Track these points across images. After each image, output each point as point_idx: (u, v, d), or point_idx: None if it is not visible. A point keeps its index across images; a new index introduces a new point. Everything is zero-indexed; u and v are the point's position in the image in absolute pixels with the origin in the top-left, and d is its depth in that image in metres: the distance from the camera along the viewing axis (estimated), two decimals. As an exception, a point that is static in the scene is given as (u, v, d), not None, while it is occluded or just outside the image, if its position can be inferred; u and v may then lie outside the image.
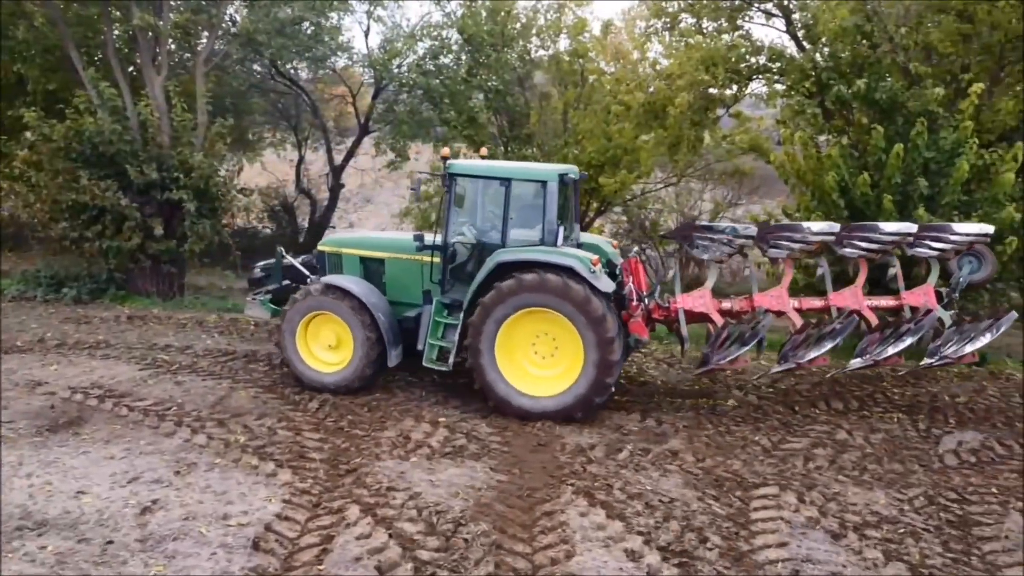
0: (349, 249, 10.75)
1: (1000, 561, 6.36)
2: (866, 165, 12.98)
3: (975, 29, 12.80)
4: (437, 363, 9.68)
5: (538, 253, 9.22)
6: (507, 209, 9.51)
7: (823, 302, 10.14)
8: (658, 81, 16.32)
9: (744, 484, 7.69)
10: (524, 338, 9.36)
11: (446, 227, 9.83)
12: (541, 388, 9.31)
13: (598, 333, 8.96)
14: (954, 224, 10.31)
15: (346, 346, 9.87)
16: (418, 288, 10.12)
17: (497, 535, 6.41)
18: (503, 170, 9.87)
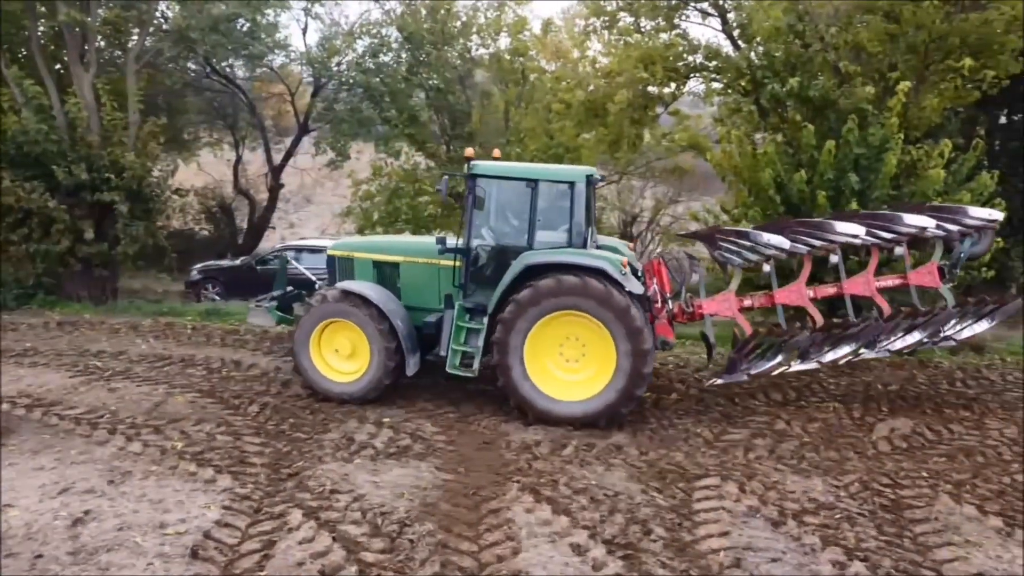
0: (362, 253, 10.43)
1: (931, 542, 6.57)
2: (800, 162, 13.29)
3: (901, 29, 13.23)
4: (461, 369, 9.38)
5: (568, 255, 9.05)
6: (534, 211, 9.30)
7: (836, 288, 10.18)
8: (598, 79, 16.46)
9: (687, 476, 7.80)
10: (552, 341, 9.11)
11: (468, 230, 9.49)
12: (567, 393, 9.09)
13: (634, 343, 8.77)
14: (969, 207, 10.37)
15: (362, 354, 9.51)
16: (434, 293, 9.88)
17: (443, 534, 6.37)
18: (529, 171, 9.69)
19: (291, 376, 10.77)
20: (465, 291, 9.59)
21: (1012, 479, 7.95)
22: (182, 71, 22.19)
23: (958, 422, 9.69)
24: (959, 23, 12.78)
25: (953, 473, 8.08)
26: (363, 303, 9.40)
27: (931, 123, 13.78)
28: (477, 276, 9.67)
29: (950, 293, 10.16)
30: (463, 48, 20.86)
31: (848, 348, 9.71)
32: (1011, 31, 12.92)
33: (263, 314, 10.72)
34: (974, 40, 12.89)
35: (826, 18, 13.61)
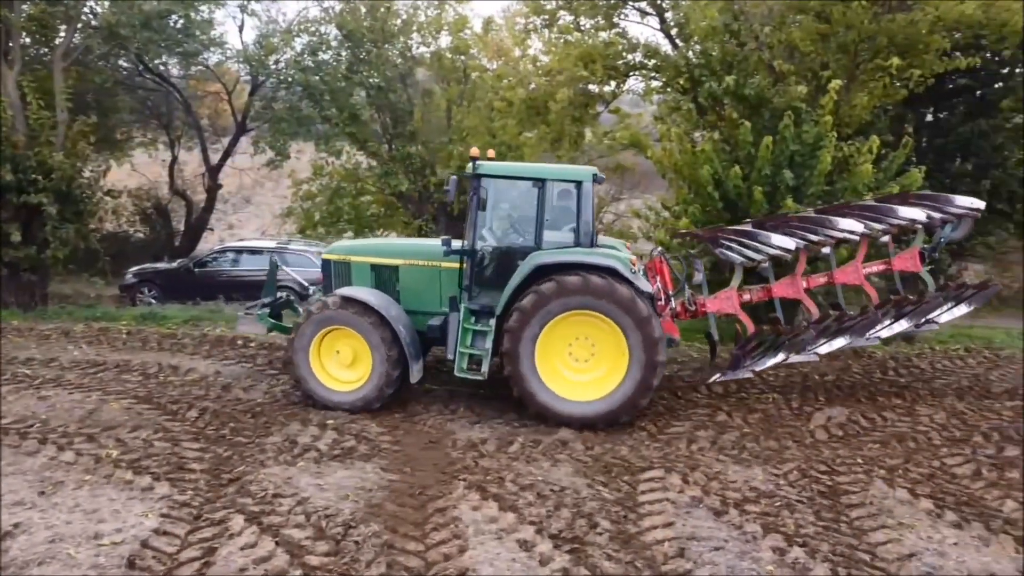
0: (359, 257, 10.19)
1: (866, 526, 6.77)
2: (737, 158, 13.56)
3: (832, 29, 13.60)
4: (469, 372, 9.27)
5: (577, 254, 9.04)
6: (542, 210, 9.22)
7: (827, 278, 10.45)
8: (539, 77, 16.52)
9: (632, 469, 7.89)
10: (561, 342, 9.06)
11: (473, 230, 9.35)
12: (579, 393, 9.06)
13: (645, 335, 8.79)
14: (953, 196, 10.71)
15: (364, 362, 9.30)
16: (435, 296, 9.78)
17: (389, 535, 6.31)
18: (537, 171, 9.59)
19: (231, 381, 10.58)
20: (470, 293, 9.44)
21: (941, 463, 8.25)
22: (113, 69, 21.55)
23: (891, 409, 10.02)
24: (886, 23, 13.19)
25: (886, 459, 8.34)
26: (364, 310, 9.18)
27: (862, 120, 14.20)
28: (482, 278, 9.55)
29: (930, 277, 10.57)
30: (404, 46, 20.71)
31: (844, 340, 9.97)
32: (935, 31, 13.39)
33: (253, 322, 10.38)
34: (901, 40, 13.32)
35: (760, 18, 13.91)
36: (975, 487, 7.67)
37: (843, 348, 10.06)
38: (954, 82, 18.34)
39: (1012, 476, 7.92)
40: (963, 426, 9.46)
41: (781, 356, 9.79)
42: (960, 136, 18.69)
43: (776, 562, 6.12)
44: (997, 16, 13.01)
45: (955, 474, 7.99)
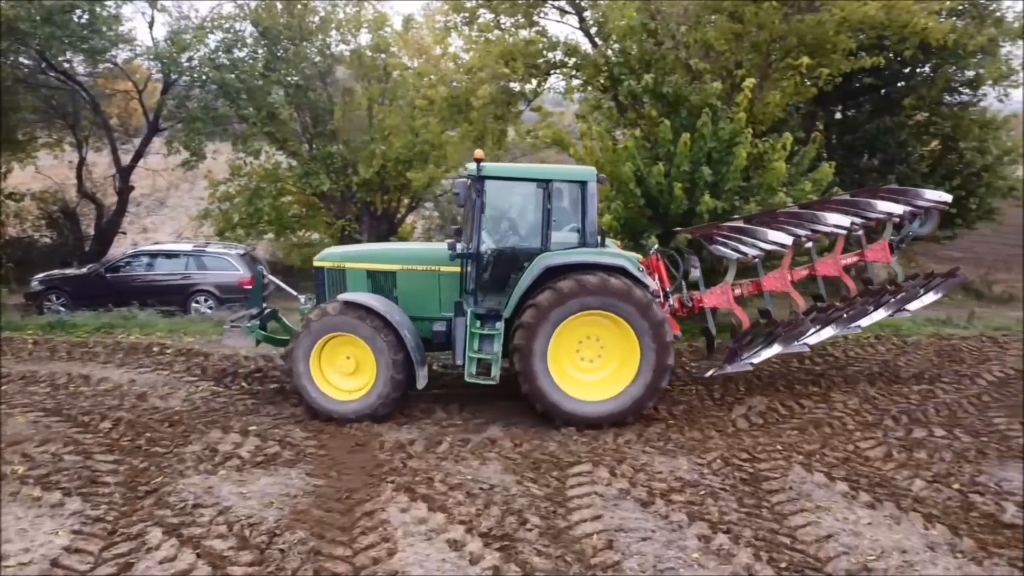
0: (354, 263, 9.85)
1: (786, 510, 6.98)
2: (658, 155, 13.80)
3: (745, 28, 13.99)
4: (479, 377, 9.10)
5: (587, 255, 9.03)
6: (547, 211, 9.14)
7: (808, 270, 10.78)
8: (460, 75, 16.48)
9: (560, 464, 7.94)
10: (570, 341, 9.00)
11: (478, 233, 9.18)
12: (586, 392, 9.03)
13: (659, 338, 8.85)
14: (922, 190, 11.30)
15: (367, 370, 9.04)
16: (434, 301, 9.61)
17: (315, 541, 6.19)
18: (540, 172, 9.55)
19: (147, 389, 10.21)
20: (475, 297, 9.31)
21: (855, 447, 8.58)
22: (13, 66, 20.48)
23: (807, 397, 10.36)
24: (796, 24, 13.64)
25: (804, 444, 8.62)
26: (368, 314, 8.93)
27: (775, 118, 14.66)
28: (487, 281, 9.41)
29: (899, 267, 11.11)
30: (322, 44, 20.37)
31: (832, 330, 10.27)
32: (841, 32, 13.92)
33: (240, 335, 9.92)
34: (810, 40, 13.80)
35: (677, 17, 14.20)
36: (886, 468, 8.00)
37: (831, 338, 10.48)
38: (860, 81, 19.10)
39: (920, 456, 8.30)
40: (875, 410, 9.86)
41: (777, 348, 10.02)
42: (867, 133, 19.48)
43: (702, 549, 6.25)
44: (898, 17, 13.60)
45: (868, 457, 8.32)
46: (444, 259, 9.48)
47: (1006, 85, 19.55)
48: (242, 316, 10.23)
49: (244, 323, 10.00)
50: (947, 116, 19.81)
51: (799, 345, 10.06)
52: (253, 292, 10.55)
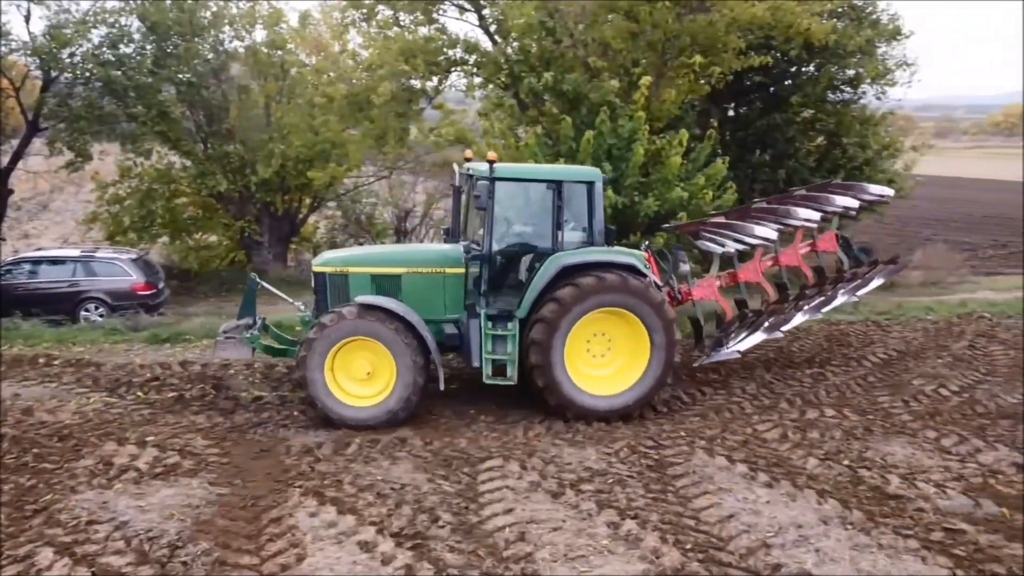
0: (357, 268, 9.55)
1: (690, 493, 7.22)
2: (559, 152, 14.01)
3: (640, 28, 14.35)
4: (497, 378, 9.13)
5: (600, 254, 9.25)
6: (557, 212, 9.25)
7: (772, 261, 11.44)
8: (359, 72, 16.27)
9: (471, 460, 7.95)
10: (581, 337, 9.18)
11: (490, 235, 9.13)
12: (596, 387, 9.25)
13: (669, 335, 9.19)
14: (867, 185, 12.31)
15: (383, 374, 8.84)
16: (440, 303, 9.48)
17: (220, 551, 6.00)
18: (551, 172, 9.72)
19: (32, 403, 9.65)
20: (488, 299, 9.25)
21: (754, 429, 8.94)
22: None
23: (708, 384, 10.73)
24: (688, 24, 14.10)
25: (706, 430, 8.93)
26: (388, 317, 8.72)
27: (671, 115, 15.09)
28: (499, 282, 9.42)
29: (845, 256, 11.85)
30: (215, 40, 19.68)
31: (803, 317, 10.91)
32: (731, 32, 14.46)
33: (236, 346, 9.45)
34: (702, 39, 14.28)
35: (574, 16, 14.44)
36: (782, 449, 8.37)
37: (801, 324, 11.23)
38: (751, 80, 19.85)
39: (813, 436, 8.73)
40: (771, 394, 10.31)
41: (762, 335, 10.52)
42: (758, 129, 20.28)
43: (611, 536, 6.39)
44: (783, 18, 14.24)
45: (765, 439, 8.68)
46: (448, 261, 9.53)
47: (883, 84, 20.70)
48: (237, 327, 9.73)
49: (239, 334, 9.56)
50: (831, 113, 20.81)
51: (775, 333, 10.70)
52: (246, 301, 10.03)
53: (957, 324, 14.46)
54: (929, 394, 10.33)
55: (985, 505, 7.04)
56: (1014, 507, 6.99)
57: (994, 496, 7.23)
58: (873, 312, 15.38)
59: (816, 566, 5.97)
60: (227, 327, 9.67)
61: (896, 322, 14.63)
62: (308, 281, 10.79)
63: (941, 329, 14.06)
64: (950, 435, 8.79)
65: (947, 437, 8.73)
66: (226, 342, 9.51)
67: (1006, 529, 6.58)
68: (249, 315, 9.85)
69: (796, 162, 20.05)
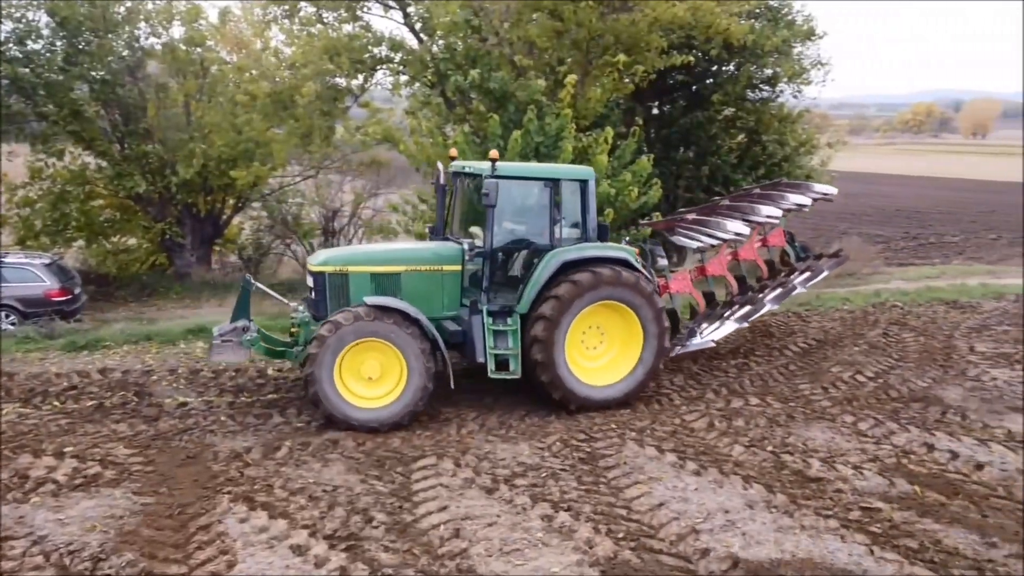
0: (357, 267, 9.39)
1: (621, 484, 7.36)
2: (487, 150, 14.02)
3: (565, 27, 14.51)
4: (501, 372, 9.25)
5: (596, 249, 9.55)
6: (555, 209, 9.53)
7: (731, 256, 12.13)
8: (283, 70, 15.98)
9: (404, 459, 7.92)
10: (576, 332, 9.43)
11: (491, 232, 9.29)
12: (593, 378, 9.54)
13: (660, 325, 9.64)
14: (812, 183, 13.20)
15: (391, 375, 8.81)
16: (438, 301, 9.52)
17: (146, 562, 5.83)
18: (549, 171, 10.05)
19: None
20: (489, 295, 9.40)
21: (682, 420, 9.17)
22: None
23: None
24: (612, 23, 14.32)
25: (636, 421, 9.11)
26: (403, 319, 8.71)
27: (597, 113, 15.30)
28: (499, 278, 9.61)
29: (792, 250, 12.71)
30: (131, 36, 19.01)
31: (770, 306, 11.54)
32: (653, 31, 14.75)
33: (233, 349, 9.11)
34: (626, 38, 14.53)
35: (499, 14, 14.50)
36: (709, 437, 8.61)
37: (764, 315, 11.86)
38: (674, 79, 20.32)
39: (738, 424, 8.99)
40: (698, 385, 10.57)
41: (734, 324, 11.08)
42: (681, 127, 20.75)
43: (545, 528, 6.47)
44: (703, 19, 14.61)
45: (693, 428, 8.91)
46: (446, 258, 9.60)
47: (799, 82, 21.44)
48: (234, 329, 9.39)
49: (236, 337, 9.26)
50: (751, 111, 21.44)
51: (742, 322, 11.23)
52: (240, 303, 9.67)
53: (872, 313, 15.07)
54: (846, 380, 10.76)
55: (899, 484, 7.39)
56: (925, 485, 7.35)
57: (907, 475, 7.60)
58: (794, 304, 15.87)
59: (743, 549, 6.17)
60: (222, 330, 9.39)
61: (815, 312, 15.16)
62: (233, 284, 10.62)
63: (857, 318, 14.64)
64: (866, 419, 9.19)
65: (863, 421, 9.13)
66: (223, 346, 9.22)
67: (918, 506, 6.93)
68: (243, 317, 9.58)
69: (719, 159, 20.58)
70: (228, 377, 10.60)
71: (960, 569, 5.86)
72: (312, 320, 9.32)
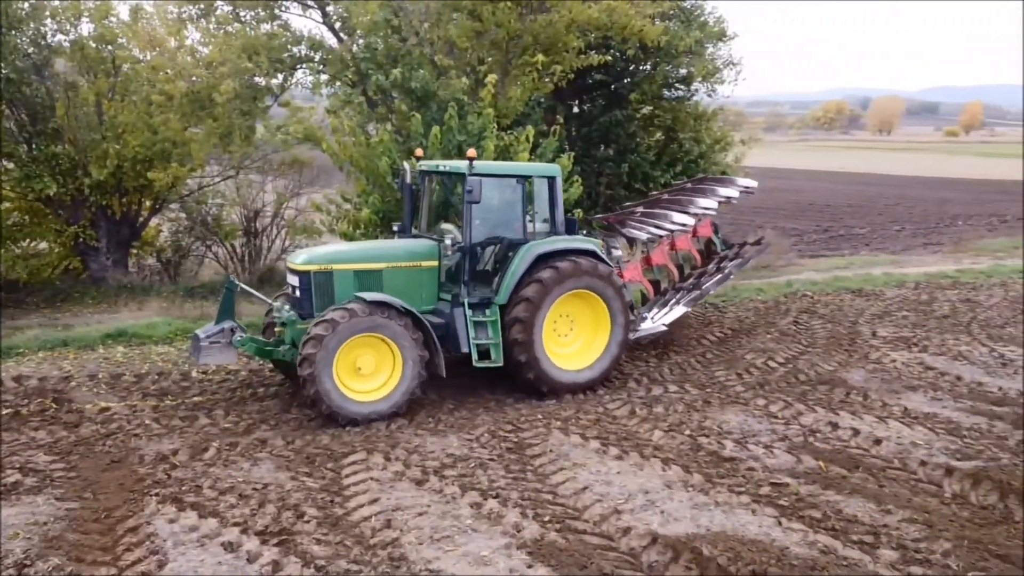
0: (341, 264, 9.60)
1: (547, 471, 7.65)
2: (411, 149, 14.12)
3: (484, 27, 14.71)
4: (484, 361, 9.70)
5: (567, 242, 10.21)
6: (526, 204, 10.19)
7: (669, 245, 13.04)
8: (200, 69, 15.70)
9: (334, 455, 8.02)
10: (550, 319, 9.98)
11: (470, 228, 9.73)
12: (565, 363, 10.16)
13: (626, 315, 10.41)
14: (735, 178, 14.32)
15: (384, 368, 9.12)
16: (417, 295, 9.83)
17: (73, 565, 5.81)
18: (521, 168, 10.79)
19: None
20: (468, 288, 9.81)
21: (605, 408, 9.54)
22: None
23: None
24: (530, 24, 14.60)
25: (561, 411, 9.42)
26: (398, 313, 9.04)
27: (518, 112, 15.56)
28: (477, 272, 10.08)
29: (719, 240, 13.66)
30: (36, 33, 18.30)
31: (712, 290, 12.63)
32: (570, 32, 15.10)
33: (223, 351, 9.13)
34: (544, 39, 14.83)
35: (419, 14, 14.60)
36: (631, 424, 8.99)
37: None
38: (593, 78, 20.72)
39: (658, 410, 9.40)
40: (620, 375, 10.95)
41: (682, 309, 12.04)
42: (601, 125, 21.17)
43: (474, 515, 6.69)
44: (618, 20, 15.02)
45: (615, 416, 9.28)
46: (423, 255, 10.04)
47: (712, 82, 22.16)
48: (221, 331, 9.31)
49: (225, 338, 9.26)
50: (667, 110, 22.04)
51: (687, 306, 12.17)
52: (224, 304, 9.58)
53: (783, 302, 15.84)
54: (759, 366, 11.34)
55: (805, 460, 7.89)
56: (829, 460, 7.87)
57: (813, 452, 8.12)
58: (711, 297, 16.52)
59: (661, 526, 6.51)
60: (209, 332, 9.33)
61: (731, 303, 15.82)
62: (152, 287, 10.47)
63: (770, 308, 15.36)
64: (777, 401, 9.73)
65: (774, 403, 9.66)
66: (211, 347, 9.22)
67: (822, 480, 7.43)
68: (228, 319, 9.53)
69: (638, 156, 21.10)
70: (151, 380, 10.47)
71: (858, 535, 6.33)
72: (299, 319, 9.42)
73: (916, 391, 10.22)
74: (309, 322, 9.14)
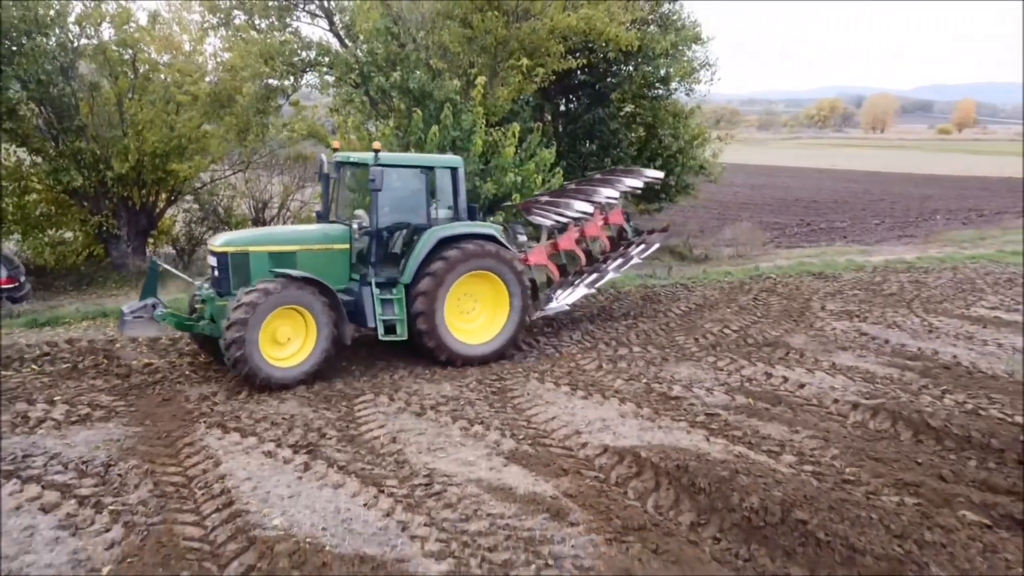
0: (257, 247, 10.45)
1: (524, 406, 9.27)
2: (410, 144, 15.74)
3: (474, 33, 16.31)
4: (389, 335, 10.65)
5: (466, 227, 11.14)
6: (431, 193, 11.15)
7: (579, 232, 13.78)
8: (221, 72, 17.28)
9: (347, 396, 9.63)
10: (452, 299, 10.94)
11: (376, 214, 10.72)
12: (472, 338, 11.22)
13: (523, 288, 11.37)
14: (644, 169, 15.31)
15: (299, 336, 10.06)
16: (329, 275, 10.48)
17: (148, 465, 7.40)
18: (424, 160, 11.56)
19: None
20: (376, 268, 10.75)
21: (576, 363, 11.13)
22: None
23: (543, 335, 12.86)
24: (516, 30, 16.19)
25: (539, 366, 11.04)
26: (308, 284, 9.95)
27: (505, 111, 17.16)
28: (384, 254, 10.97)
29: (630, 227, 14.75)
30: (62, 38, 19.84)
31: (613, 274, 13.68)
32: (552, 38, 16.70)
33: (146, 324, 10.11)
34: (528, 44, 16.42)
35: (416, 22, 16.19)
36: (598, 375, 10.59)
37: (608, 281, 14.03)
38: (577, 78, 22.27)
39: (622, 366, 11.01)
40: (591, 339, 12.57)
41: (584, 290, 13.16)
42: (585, 123, 22.70)
43: (463, 435, 8.32)
44: (595, 27, 16.63)
45: (585, 369, 10.88)
46: (335, 238, 10.91)
47: (690, 82, 23.75)
48: (144, 306, 10.34)
49: (147, 313, 10.22)
50: (648, 108, 23.57)
51: (592, 287, 13.33)
52: (148, 282, 10.74)
53: (748, 283, 17.42)
54: (715, 333, 12.93)
55: (738, 399, 9.51)
56: (758, 398, 9.50)
57: (746, 393, 9.73)
58: (683, 278, 18.14)
59: (612, 441, 8.13)
60: (133, 307, 10.39)
61: (700, 284, 17.41)
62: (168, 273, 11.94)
63: (734, 287, 16.95)
64: (724, 358, 11.33)
65: (722, 360, 11.26)
66: (134, 321, 10.21)
67: (748, 411, 9.05)
68: (151, 295, 10.67)
69: (620, 151, 22.65)
70: (185, 343, 12.02)
71: (768, 446, 7.95)
72: (217, 296, 10.28)
73: (847, 351, 11.83)
74: (227, 299, 10.00)
